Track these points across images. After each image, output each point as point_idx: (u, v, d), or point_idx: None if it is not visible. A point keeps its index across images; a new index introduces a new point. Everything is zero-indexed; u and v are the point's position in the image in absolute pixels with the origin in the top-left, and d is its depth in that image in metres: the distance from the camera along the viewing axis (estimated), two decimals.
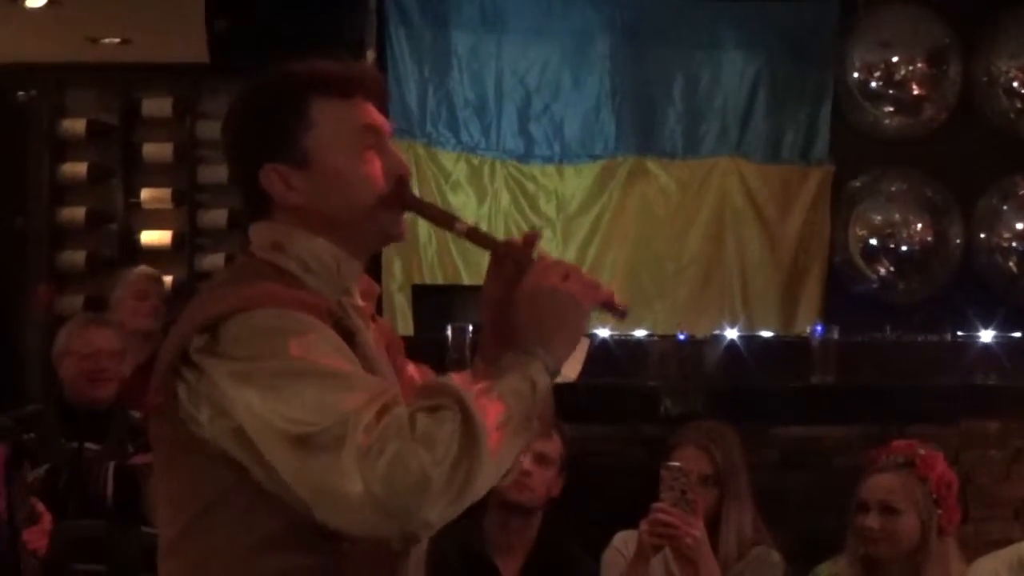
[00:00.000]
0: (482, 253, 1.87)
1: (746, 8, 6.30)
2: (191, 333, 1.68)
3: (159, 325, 4.80)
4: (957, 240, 6.27)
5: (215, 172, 6.85)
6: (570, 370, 4.26)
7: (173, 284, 6.52)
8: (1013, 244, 6.25)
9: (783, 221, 6.33)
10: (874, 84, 6.27)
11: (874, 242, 6.26)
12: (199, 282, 6.66)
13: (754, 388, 4.57)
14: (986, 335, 4.82)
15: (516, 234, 3.59)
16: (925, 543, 3.24)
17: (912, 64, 6.24)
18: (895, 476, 3.28)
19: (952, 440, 4.25)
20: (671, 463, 3.26)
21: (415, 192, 1.88)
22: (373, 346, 1.82)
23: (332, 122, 1.79)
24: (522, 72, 6.22)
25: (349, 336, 1.73)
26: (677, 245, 6.30)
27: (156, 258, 6.60)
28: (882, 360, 4.78)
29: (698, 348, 4.78)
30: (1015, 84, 6.27)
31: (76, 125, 7.13)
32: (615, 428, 4.33)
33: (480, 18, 6.17)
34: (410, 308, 5.50)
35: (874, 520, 3.24)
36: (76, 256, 7.10)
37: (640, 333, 5.03)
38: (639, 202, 6.29)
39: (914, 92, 6.26)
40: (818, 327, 4.66)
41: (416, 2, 6.06)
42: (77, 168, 7.12)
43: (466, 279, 5.81)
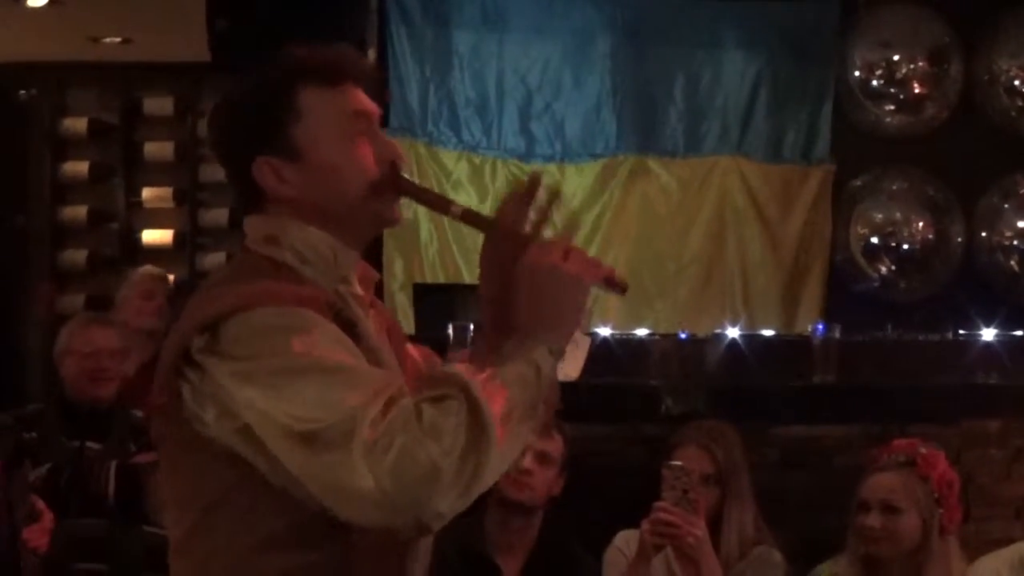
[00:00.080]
0: None
1: (747, 7, 6.29)
2: (192, 333, 1.67)
3: (163, 324, 4.80)
4: (958, 239, 6.26)
5: (216, 171, 6.72)
6: (571, 369, 4.29)
7: (174, 283, 6.52)
8: (1014, 243, 6.24)
9: (784, 220, 6.32)
10: (875, 83, 6.26)
11: (875, 241, 6.25)
12: (200, 281, 6.65)
13: (755, 387, 4.57)
14: (987, 334, 4.82)
15: None
16: (926, 542, 3.23)
17: (913, 63, 6.23)
18: (896, 475, 3.27)
19: (953, 439, 4.25)
20: (673, 462, 3.26)
21: (411, 179, 1.85)
22: (374, 335, 1.81)
23: (321, 111, 1.77)
24: (523, 71, 6.22)
25: (350, 327, 1.72)
26: (678, 244, 6.29)
27: (157, 257, 6.61)
28: (883, 359, 4.78)
29: (699, 347, 4.78)
30: (1016, 83, 6.26)
31: (77, 124, 7.14)
32: (616, 427, 4.32)
33: (481, 17, 6.16)
34: (411, 307, 5.49)
35: (875, 519, 3.24)
36: (77, 255, 7.11)
37: (641, 332, 5.03)
38: (640, 201, 6.28)
39: (915, 91, 6.25)
40: (819, 326, 4.66)
41: (417, 1, 6.06)
42: (78, 167, 7.13)
43: (467, 278, 5.80)
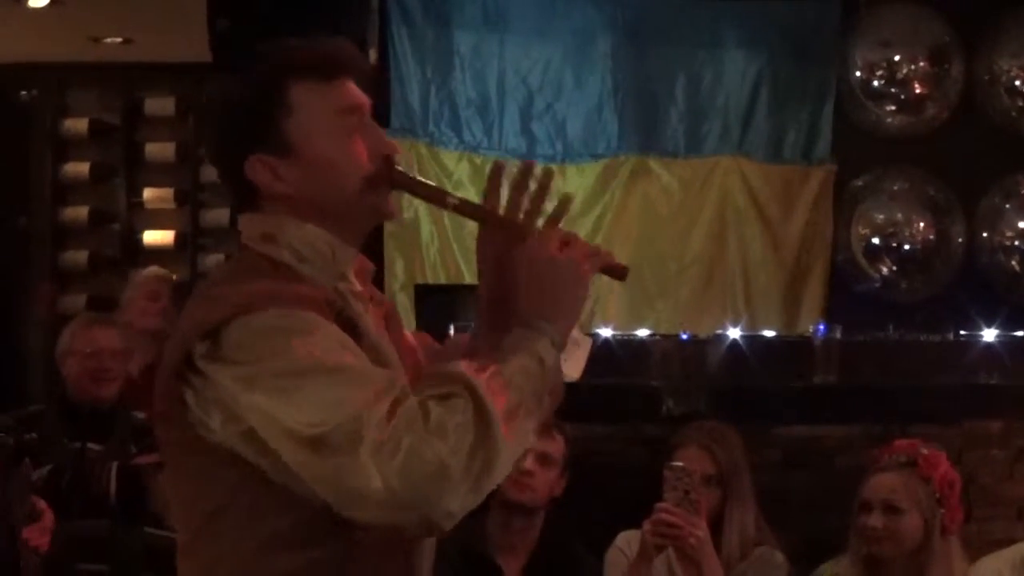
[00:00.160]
0: None
1: (748, 7, 6.29)
2: (193, 339, 1.66)
3: (168, 325, 4.79)
4: (959, 239, 6.26)
5: None
6: (573, 369, 4.28)
7: (176, 284, 6.53)
8: (1015, 243, 6.23)
9: (785, 220, 6.32)
10: (876, 83, 6.26)
11: (876, 241, 6.24)
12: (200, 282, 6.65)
13: (756, 388, 4.57)
14: (989, 334, 4.81)
15: None
16: (928, 542, 3.23)
17: (914, 63, 6.23)
18: (898, 475, 3.27)
19: (955, 440, 4.25)
20: (674, 463, 3.26)
21: (405, 171, 1.84)
22: (375, 330, 1.80)
23: (312, 106, 1.76)
24: (524, 71, 6.21)
25: (351, 325, 1.72)
26: (679, 244, 6.28)
27: (158, 258, 6.60)
28: (884, 359, 4.77)
29: (700, 348, 4.77)
30: (1017, 83, 6.25)
31: (78, 124, 7.14)
32: (617, 428, 4.33)
33: (482, 18, 6.16)
34: (412, 308, 5.49)
35: (877, 519, 3.24)
36: (78, 256, 7.11)
37: (642, 333, 5.03)
38: (641, 201, 6.28)
39: (916, 91, 6.25)
40: (820, 326, 4.67)
41: (418, 2, 6.05)
42: (79, 168, 7.13)
43: (468, 279, 5.79)
